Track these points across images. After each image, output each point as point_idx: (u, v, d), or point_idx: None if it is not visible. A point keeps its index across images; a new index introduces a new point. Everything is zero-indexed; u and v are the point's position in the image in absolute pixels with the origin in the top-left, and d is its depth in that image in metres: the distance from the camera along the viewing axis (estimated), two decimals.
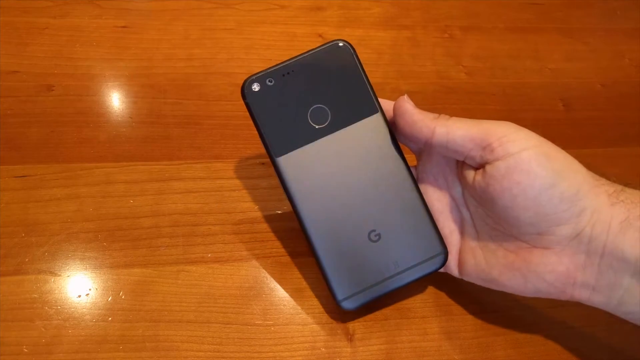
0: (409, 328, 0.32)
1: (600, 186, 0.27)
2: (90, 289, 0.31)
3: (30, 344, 0.29)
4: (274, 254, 0.34)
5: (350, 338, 0.31)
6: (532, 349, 0.32)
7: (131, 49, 0.43)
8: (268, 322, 0.31)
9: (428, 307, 0.33)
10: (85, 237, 0.33)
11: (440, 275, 0.32)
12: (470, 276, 0.31)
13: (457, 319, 0.32)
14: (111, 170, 0.36)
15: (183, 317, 0.31)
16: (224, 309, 0.31)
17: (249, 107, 0.30)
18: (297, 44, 0.46)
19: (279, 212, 0.36)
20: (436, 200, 0.32)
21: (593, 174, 0.28)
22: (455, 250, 0.31)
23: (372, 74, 0.31)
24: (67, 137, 0.37)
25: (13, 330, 0.29)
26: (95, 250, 0.32)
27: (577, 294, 0.28)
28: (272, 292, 0.32)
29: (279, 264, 0.33)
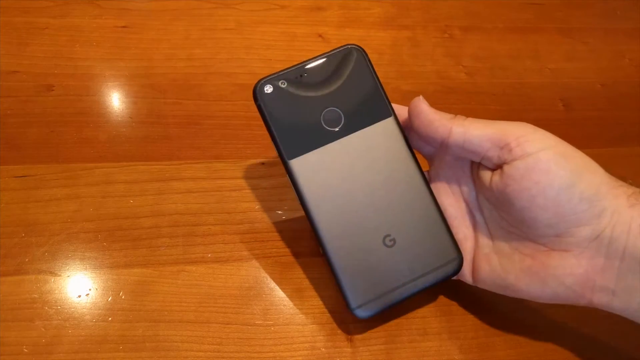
0: (409, 328, 0.32)
1: (618, 187, 0.27)
2: (90, 289, 0.31)
3: (30, 344, 0.29)
4: (274, 254, 0.34)
5: (350, 338, 0.31)
6: (532, 349, 0.32)
7: (131, 49, 0.43)
8: (268, 322, 0.31)
9: (428, 307, 0.32)
10: (85, 237, 0.33)
11: None
12: (485, 283, 0.30)
13: (457, 319, 0.32)
14: (111, 170, 0.36)
15: (183, 317, 0.31)
16: (224, 309, 0.31)
17: (261, 109, 0.30)
18: (297, 44, 0.46)
19: (279, 212, 0.36)
20: (449, 205, 0.31)
21: (610, 175, 0.27)
22: (469, 257, 0.31)
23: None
24: (67, 137, 0.37)
25: (13, 330, 0.29)
26: (95, 250, 0.32)
27: (597, 298, 0.27)
28: (272, 292, 0.32)
29: (279, 264, 0.33)
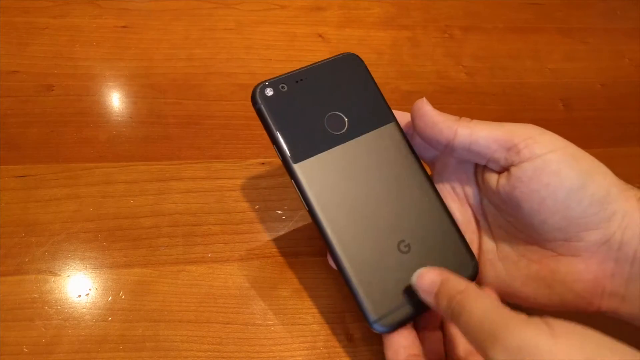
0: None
1: (629, 190, 0.26)
2: (90, 289, 0.31)
3: (30, 343, 0.29)
4: (274, 254, 0.34)
5: (350, 338, 0.31)
6: None
7: (131, 49, 0.43)
8: (268, 322, 0.31)
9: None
10: (85, 237, 0.33)
11: None
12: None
13: None
14: (111, 170, 0.36)
15: (183, 317, 0.31)
16: (224, 309, 0.31)
17: (261, 112, 0.29)
18: (297, 44, 0.46)
19: (279, 212, 0.36)
20: (454, 209, 0.30)
21: (619, 178, 0.27)
22: None
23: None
24: (67, 137, 0.37)
25: (13, 330, 0.29)
26: (95, 250, 0.32)
27: (605, 304, 0.26)
28: (272, 292, 0.32)
29: (279, 264, 0.33)
